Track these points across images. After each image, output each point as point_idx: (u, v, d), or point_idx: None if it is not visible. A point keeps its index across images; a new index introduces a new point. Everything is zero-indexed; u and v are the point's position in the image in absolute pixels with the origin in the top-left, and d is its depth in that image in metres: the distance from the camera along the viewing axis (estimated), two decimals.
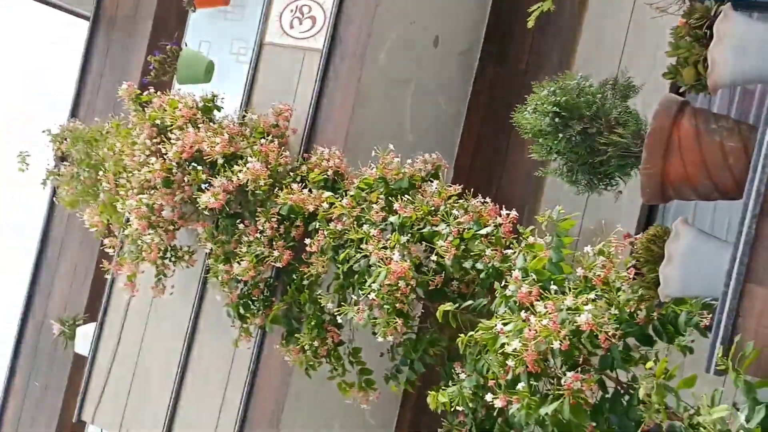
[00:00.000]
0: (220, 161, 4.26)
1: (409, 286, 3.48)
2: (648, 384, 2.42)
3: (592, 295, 2.72)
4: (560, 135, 2.76)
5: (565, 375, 2.62)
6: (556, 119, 2.76)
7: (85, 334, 5.57)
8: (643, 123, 2.77)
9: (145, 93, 4.70)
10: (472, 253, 3.50)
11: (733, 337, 2.33)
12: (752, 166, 2.40)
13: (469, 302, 3.41)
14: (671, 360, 2.94)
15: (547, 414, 2.56)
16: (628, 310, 2.71)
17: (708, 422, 2.17)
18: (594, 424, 2.67)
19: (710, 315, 2.72)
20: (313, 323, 4.00)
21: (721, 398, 2.31)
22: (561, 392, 2.58)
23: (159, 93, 4.66)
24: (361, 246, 3.72)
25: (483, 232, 3.51)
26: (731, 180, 2.51)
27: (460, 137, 5.05)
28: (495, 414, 3.20)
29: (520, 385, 2.65)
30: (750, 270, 2.36)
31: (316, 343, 3.97)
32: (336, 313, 3.73)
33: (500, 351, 2.73)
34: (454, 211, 3.62)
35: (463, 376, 3.19)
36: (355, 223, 3.84)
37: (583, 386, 2.56)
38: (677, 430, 2.50)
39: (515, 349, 2.64)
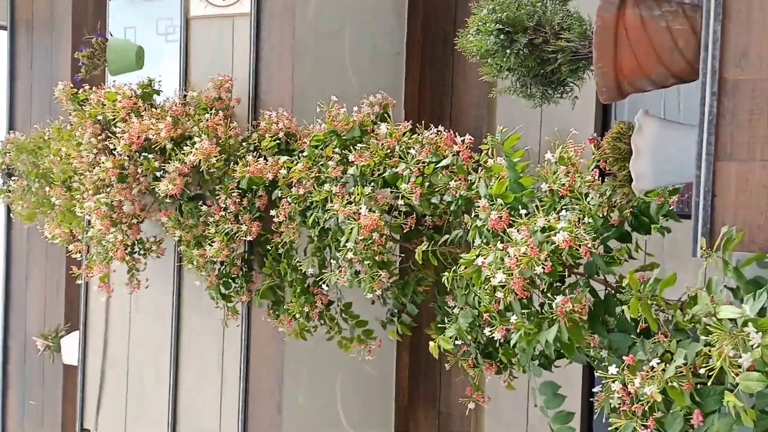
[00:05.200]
0: (169, 146, 4.17)
1: (384, 236, 3.45)
2: (631, 299, 2.42)
3: (562, 211, 2.71)
4: (508, 51, 2.72)
5: (554, 298, 2.61)
6: (501, 36, 2.72)
7: (70, 344, 5.49)
8: (587, 23, 2.73)
9: (81, 91, 4.58)
10: (437, 188, 3.48)
11: (713, 217, 2.34)
12: (703, 45, 2.38)
13: (445, 237, 3.39)
14: (652, 252, 2.97)
15: (546, 341, 2.57)
16: (601, 215, 2.71)
17: (715, 322, 2.16)
18: (593, 334, 2.68)
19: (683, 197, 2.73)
20: (298, 290, 3.96)
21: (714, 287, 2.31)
22: (554, 318, 2.58)
23: (94, 88, 4.54)
24: (326, 206, 3.67)
25: (443, 164, 3.47)
26: (684, 62, 2.50)
27: (404, 76, 4.99)
28: (497, 339, 3.20)
29: (513, 318, 2.64)
30: (718, 148, 2.36)
31: (306, 309, 3.94)
32: (319, 281, 3.69)
33: (486, 284, 2.72)
34: (411, 151, 3.57)
35: (456, 310, 3.18)
36: (316, 183, 3.78)
37: (575, 307, 2.56)
38: (674, 320, 2.52)
39: (501, 281, 2.63)
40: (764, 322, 2.08)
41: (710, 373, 2.15)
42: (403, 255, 3.97)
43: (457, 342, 3.10)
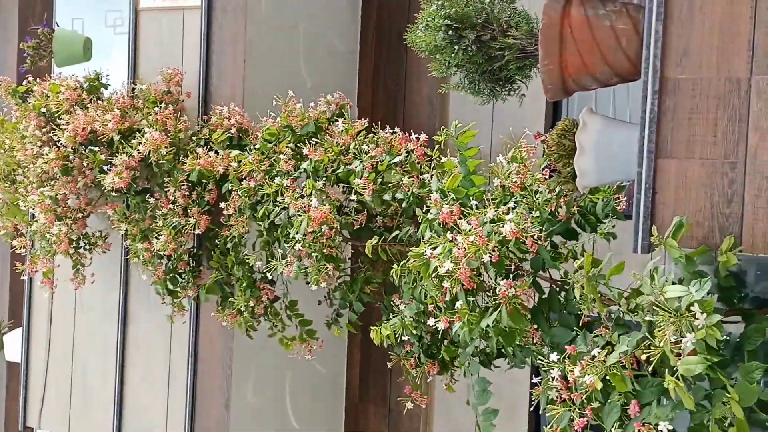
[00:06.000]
0: (116, 138, 4.11)
1: (333, 230, 3.44)
2: (579, 279, 2.45)
3: (511, 203, 2.74)
4: (456, 47, 2.73)
5: (498, 285, 2.64)
6: (449, 32, 2.73)
7: (13, 340, 5.38)
8: (534, 21, 2.76)
9: (24, 83, 4.49)
10: (390, 185, 3.48)
11: (654, 213, 2.38)
12: (645, 44, 2.42)
13: (396, 233, 3.39)
14: (598, 253, 3.00)
15: (488, 326, 2.58)
16: (548, 210, 2.74)
17: (661, 302, 2.20)
18: (535, 326, 2.71)
19: (625, 197, 2.78)
20: (244, 284, 3.93)
21: (658, 277, 2.35)
22: (498, 302, 2.60)
23: (38, 80, 4.45)
24: (277, 199, 3.66)
25: (396, 160, 3.48)
26: (627, 62, 2.54)
27: (358, 74, 4.98)
28: (440, 337, 3.23)
29: (458, 304, 2.66)
30: (659, 146, 2.40)
31: (251, 303, 3.92)
32: (265, 271, 3.67)
33: (434, 275, 2.73)
34: (365, 147, 3.58)
35: (402, 306, 3.19)
36: (267, 176, 3.76)
37: (518, 291, 2.58)
38: (615, 315, 2.56)
39: (448, 269, 2.64)
40: (710, 303, 2.12)
41: (650, 360, 2.18)
42: (353, 252, 3.97)
43: (404, 338, 3.10)
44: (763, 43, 2.32)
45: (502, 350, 2.87)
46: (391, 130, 3.65)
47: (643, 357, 2.21)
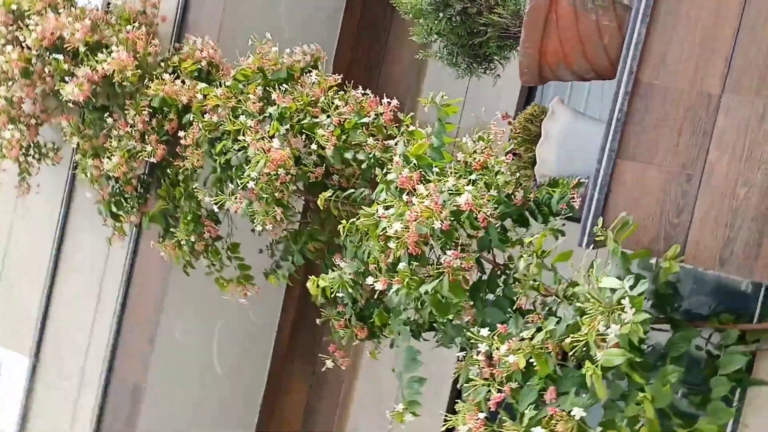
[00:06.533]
0: (82, 49, 4.01)
1: (289, 175, 3.40)
2: (526, 260, 2.46)
3: (473, 176, 2.73)
4: (440, 14, 2.71)
5: (445, 254, 2.64)
6: None
7: None
8: (521, 3, 2.75)
9: None
10: (353, 143, 3.45)
11: (605, 211, 2.40)
12: (625, 44, 2.42)
13: (350, 191, 3.37)
14: (546, 246, 3.02)
15: (426, 293, 2.58)
16: (506, 192, 2.74)
17: (594, 292, 2.22)
18: (471, 303, 2.72)
19: (580, 198, 2.78)
20: (189, 218, 3.89)
21: (596, 269, 2.38)
22: (441, 271, 2.60)
23: None
24: (238, 138, 3.60)
25: (365, 120, 3.45)
26: (606, 59, 2.54)
27: (339, 35, 4.92)
28: (375, 301, 3.22)
29: (401, 265, 2.66)
30: (622, 146, 2.41)
31: (192, 238, 3.87)
32: (214, 204, 3.62)
33: (381, 234, 2.72)
34: (336, 101, 3.54)
35: (343, 264, 3.18)
36: (231, 114, 3.71)
37: (463, 264, 2.59)
38: (549, 305, 2.58)
39: (396, 231, 2.63)
40: (640, 300, 2.15)
41: (575, 345, 2.20)
42: (303, 206, 3.93)
43: (338, 295, 3.08)
44: (739, 64, 2.34)
45: (434, 324, 2.88)
46: (363, 91, 3.61)
47: (567, 341, 2.24)
